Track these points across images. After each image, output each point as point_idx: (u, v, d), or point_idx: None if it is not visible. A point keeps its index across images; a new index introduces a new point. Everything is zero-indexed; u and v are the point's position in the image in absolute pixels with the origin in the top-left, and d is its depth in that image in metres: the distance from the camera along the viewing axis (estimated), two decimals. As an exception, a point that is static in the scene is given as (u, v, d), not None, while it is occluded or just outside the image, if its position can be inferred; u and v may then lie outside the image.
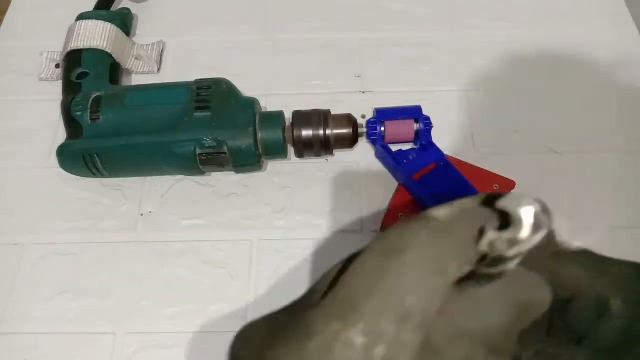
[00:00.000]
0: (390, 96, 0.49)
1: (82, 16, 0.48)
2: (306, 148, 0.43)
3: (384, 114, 0.44)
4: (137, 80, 0.51)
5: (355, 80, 0.50)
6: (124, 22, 0.50)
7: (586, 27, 0.53)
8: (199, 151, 0.40)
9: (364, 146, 0.46)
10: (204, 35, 0.53)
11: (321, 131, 0.42)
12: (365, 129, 0.44)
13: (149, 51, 0.51)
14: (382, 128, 0.44)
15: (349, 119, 0.43)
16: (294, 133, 0.42)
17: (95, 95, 0.42)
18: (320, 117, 0.42)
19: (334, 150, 0.44)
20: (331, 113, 0.43)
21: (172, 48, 0.53)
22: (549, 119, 0.48)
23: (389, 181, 0.45)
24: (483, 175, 0.43)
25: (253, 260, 0.42)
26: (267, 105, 0.48)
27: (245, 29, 0.54)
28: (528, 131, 0.47)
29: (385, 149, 0.44)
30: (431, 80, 0.50)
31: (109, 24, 0.47)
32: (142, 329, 0.40)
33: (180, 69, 0.51)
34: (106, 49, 0.46)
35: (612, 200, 0.44)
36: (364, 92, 0.50)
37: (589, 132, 0.47)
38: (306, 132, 0.42)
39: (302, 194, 0.45)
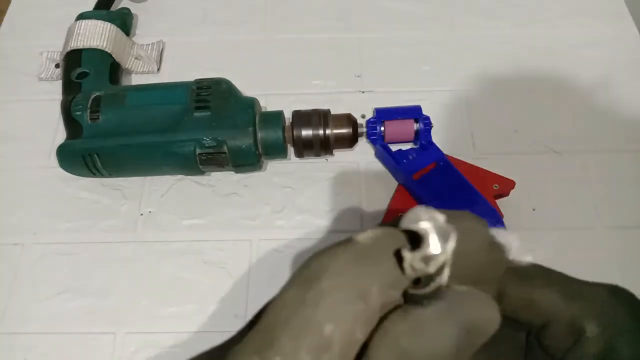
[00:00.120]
0: (390, 96, 0.49)
1: (82, 16, 0.48)
2: (306, 148, 0.42)
3: (384, 114, 0.44)
4: (137, 80, 0.51)
5: (355, 80, 0.50)
6: (124, 22, 0.50)
7: (586, 27, 0.53)
8: (199, 151, 0.40)
9: (364, 146, 0.46)
10: (204, 35, 0.53)
11: (321, 131, 0.42)
12: (365, 129, 0.44)
13: (149, 51, 0.51)
14: (382, 128, 0.44)
15: (349, 119, 0.43)
16: (294, 133, 0.42)
17: (95, 95, 0.42)
18: (320, 117, 0.42)
19: (334, 150, 0.44)
20: (331, 113, 0.43)
21: (172, 48, 0.53)
22: (549, 119, 0.48)
23: (389, 181, 0.45)
24: (483, 175, 0.43)
25: (253, 260, 0.42)
26: (267, 105, 0.48)
27: (245, 29, 0.54)
28: (528, 131, 0.47)
29: (385, 149, 0.44)
30: (431, 80, 0.50)
31: (109, 24, 0.48)
32: (142, 329, 0.40)
33: (180, 69, 0.51)
34: (106, 49, 0.46)
35: (612, 200, 0.44)
36: (364, 92, 0.50)
37: (589, 132, 0.47)
38: (306, 132, 0.42)
39: (302, 194, 0.45)
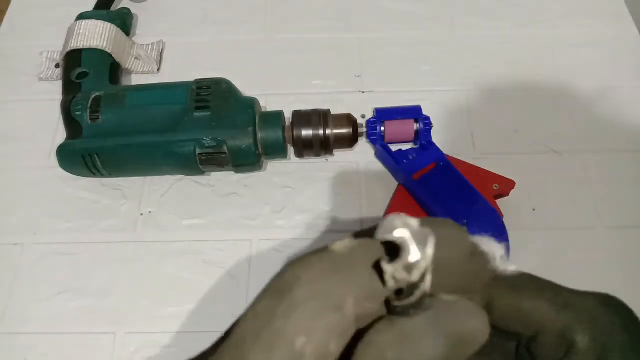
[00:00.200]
0: (390, 96, 0.49)
1: (82, 16, 0.48)
2: (306, 148, 0.42)
3: (384, 114, 0.44)
4: (137, 80, 0.51)
5: (355, 80, 0.50)
6: (124, 22, 0.50)
7: (586, 27, 0.53)
8: (199, 151, 0.40)
9: (364, 146, 0.46)
10: (204, 35, 0.53)
11: (321, 131, 0.42)
12: (365, 129, 0.44)
13: (149, 51, 0.51)
14: (382, 128, 0.44)
15: (349, 119, 0.43)
16: (294, 133, 0.42)
17: (95, 95, 0.42)
18: (320, 117, 0.42)
19: (334, 150, 0.44)
20: (331, 113, 0.43)
21: (172, 48, 0.53)
22: (549, 119, 0.48)
23: (389, 181, 0.45)
24: (483, 175, 0.43)
25: (253, 260, 0.42)
26: (267, 105, 0.48)
27: (245, 29, 0.54)
28: (528, 131, 0.47)
29: (385, 149, 0.44)
30: (431, 80, 0.50)
31: (109, 24, 0.47)
32: (142, 329, 0.40)
33: (180, 69, 0.51)
34: (106, 49, 0.46)
35: (612, 200, 0.44)
36: (364, 92, 0.50)
37: (589, 132, 0.47)
38: (306, 132, 0.42)
39: (302, 194, 0.45)
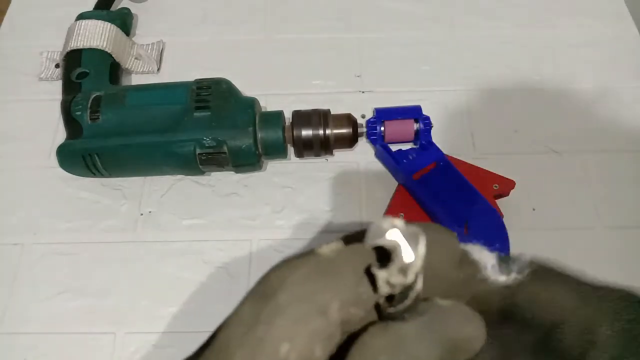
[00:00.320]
0: (390, 96, 0.49)
1: (82, 16, 0.48)
2: (306, 148, 0.42)
3: (384, 114, 0.44)
4: (137, 80, 0.51)
5: (355, 80, 0.50)
6: (124, 22, 0.50)
7: (586, 27, 0.53)
8: (199, 151, 0.40)
9: (364, 146, 0.46)
10: (204, 35, 0.53)
11: (321, 131, 0.42)
12: (365, 129, 0.44)
13: (149, 51, 0.51)
14: (382, 128, 0.44)
15: (349, 119, 0.43)
16: (294, 133, 0.42)
17: (95, 95, 0.42)
18: (320, 117, 0.42)
19: (334, 150, 0.44)
20: (331, 113, 0.43)
21: (172, 48, 0.53)
22: (549, 119, 0.48)
23: (389, 181, 0.45)
24: (483, 175, 0.43)
25: (253, 260, 0.42)
26: (267, 105, 0.48)
27: (245, 29, 0.54)
28: (528, 131, 0.47)
29: (385, 149, 0.44)
30: (431, 80, 0.50)
31: (109, 24, 0.47)
32: (142, 329, 0.40)
33: (180, 69, 0.51)
34: (106, 49, 0.46)
35: (612, 200, 0.44)
36: (364, 92, 0.50)
37: (589, 132, 0.47)
38: (306, 132, 0.42)
39: (302, 194, 0.45)
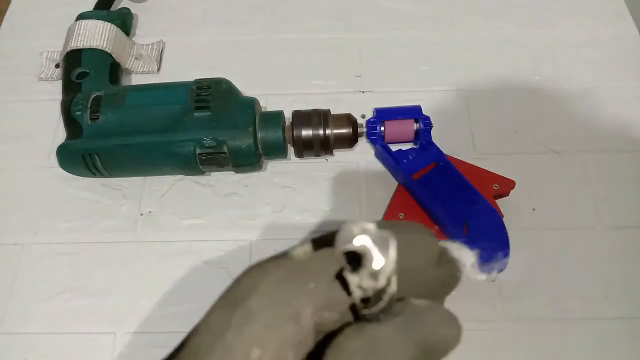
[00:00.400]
0: (390, 96, 0.49)
1: (82, 16, 0.48)
2: (306, 148, 0.42)
3: (384, 114, 0.44)
4: (137, 80, 0.51)
5: (355, 80, 0.50)
6: (124, 22, 0.50)
7: (586, 27, 0.53)
8: (199, 151, 0.40)
9: (364, 146, 0.46)
10: (204, 35, 0.53)
11: (321, 131, 0.42)
12: (365, 129, 0.44)
13: (149, 51, 0.51)
14: (382, 128, 0.44)
15: (348, 119, 0.43)
16: (294, 133, 0.42)
17: (95, 95, 0.42)
18: (320, 117, 0.42)
19: (334, 150, 0.44)
20: (331, 113, 0.43)
21: (172, 48, 0.53)
22: (549, 119, 0.48)
23: (389, 181, 0.45)
24: (483, 175, 0.43)
25: (253, 261, 0.42)
26: (267, 105, 0.48)
27: (245, 29, 0.54)
28: (528, 131, 0.47)
29: (385, 149, 0.44)
30: (431, 80, 0.50)
31: (109, 24, 0.47)
32: (142, 329, 0.40)
33: (180, 69, 0.51)
34: (106, 49, 0.46)
35: (612, 200, 0.44)
36: (364, 92, 0.50)
37: (589, 132, 0.47)
38: (306, 132, 0.42)
39: (302, 194, 0.45)
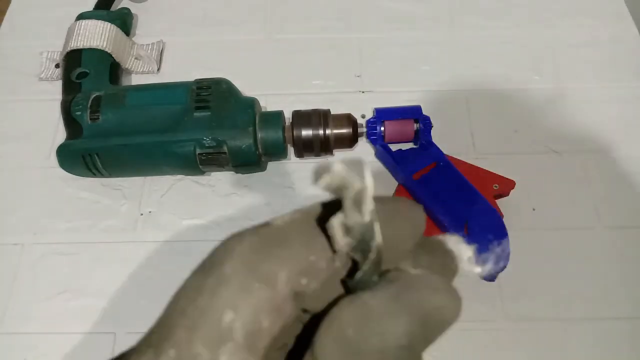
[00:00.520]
0: (390, 96, 0.49)
1: (82, 16, 0.48)
2: (306, 148, 0.42)
3: (384, 114, 0.44)
4: (137, 80, 0.51)
5: (355, 80, 0.50)
6: (124, 22, 0.50)
7: (586, 27, 0.53)
8: (199, 151, 0.40)
9: (364, 146, 0.46)
10: (204, 35, 0.53)
11: (321, 131, 0.42)
12: (365, 129, 0.44)
13: (149, 51, 0.51)
14: (382, 128, 0.44)
15: (349, 119, 0.43)
16: (294, 133, 0.42)
17: (95, 95, 0.42)
18: (320, 117, 0.42)
19: (334, 150, 0.44)
20: (331, 113, 0.43)
21: (172, 48, 0.53)
22: (549, 119, 0.48)
23: (389, 181, 0.45)
24: (483, 175, 0.43)
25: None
26: (267, 105, 0.48)
27: (245, 29, 0.54)
28: (528, 131, 0.47)
29: (385, 149, 0.44)
30: (431, 80, 0.50)
31: (109, 24, 0.47)
32: (142, 329, 0.39)
33: (180, 69, 0.51)
34: (106, 49, 0.46)
35: (612, 200, 0.44)
36: (364, 92, 0.50)
37: (589, 132, 0.47)
38: (306, 132, 0.42)
39: (302, 194, 0.45)
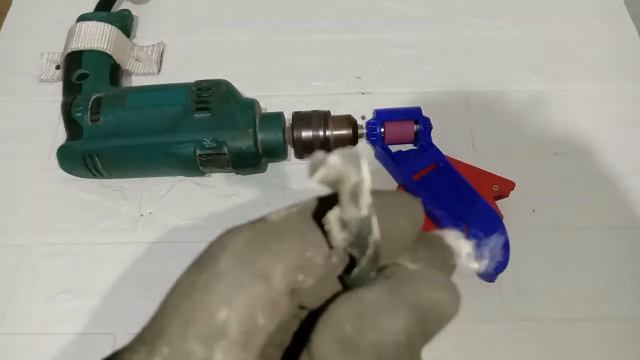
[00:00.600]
0: (390, 97, 0.49)
1: (82, 18, 0.48)
2: (306, 149, 0.42)
3: (383, 115, 0.44)
4: (137, 81, 0.51)
5: (355, 82, 0.50)
6: (125, 23, 0.50)
7: (586, 27, 0.53)
8: (199, 152, 0.40)
9: (364, 147, 0.46)
10: (204, 36, 0.53)
11: (321, 132, 0.42)
12: (365, 130, 0.44)
13: (149, 52, 0.51)
14: (382, 129, 0.44)
15: (349, 121, 0.43)
16: (294, 134, 0.42)
17: (95, 96, 0.42)
18: (320, 118, 0.42)
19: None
20: (331, 114, 0.43)
21: (173, 49, 0.53)
22: (549, 120, 0.48)
23: (389, 182, 0.45)
24: (483, 177, 0.43)
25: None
26: (267, 106, 0.48)
27: (245, 30, 0.54)
28: (528, 132, 0.47)
29: (385, 150, 0.44)
30: (431, 80, 0.50)
31: (110, 25, 0.48)
32: (142, 330, 0.40)
33: (180, 70, 0.51)
34: (107, 51, 0.46)
35: (612, 200, 0.44)
36: (364, 93, 0.50)
37: (588, 133, 0.47)
38: (306, 134, 0.42)
39: (302, 195, 0.45)
